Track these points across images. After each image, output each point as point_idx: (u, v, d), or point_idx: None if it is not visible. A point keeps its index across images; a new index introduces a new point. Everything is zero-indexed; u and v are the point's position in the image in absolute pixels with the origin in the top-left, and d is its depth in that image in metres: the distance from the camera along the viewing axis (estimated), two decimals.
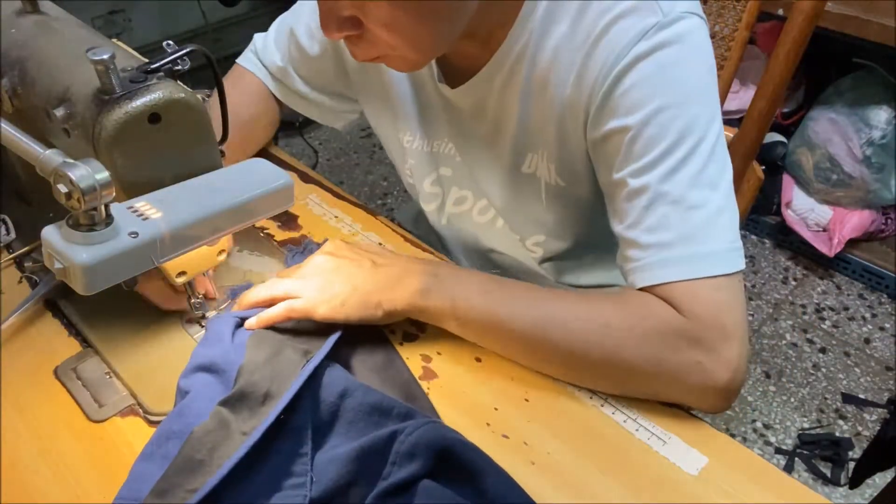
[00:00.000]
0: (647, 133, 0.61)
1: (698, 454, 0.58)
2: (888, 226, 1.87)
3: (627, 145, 0.62)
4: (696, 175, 0.60)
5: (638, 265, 0.62)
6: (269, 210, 0.62)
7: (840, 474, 1.44)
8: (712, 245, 0.60)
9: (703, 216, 0.60)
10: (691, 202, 0.60)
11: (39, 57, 0.62)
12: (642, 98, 0.61)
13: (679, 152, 0.60)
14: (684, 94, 0.61)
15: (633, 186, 0.62)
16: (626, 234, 0.64)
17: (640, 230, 0.62)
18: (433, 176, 0.88)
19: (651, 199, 0.61)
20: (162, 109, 0.55)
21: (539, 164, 0.75)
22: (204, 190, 0.58)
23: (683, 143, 0.60)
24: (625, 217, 0.64)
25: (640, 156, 0.62)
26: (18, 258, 0.77)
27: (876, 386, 1.63)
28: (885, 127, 1.70)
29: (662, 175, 0.61)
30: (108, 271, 0.50)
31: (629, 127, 0.62)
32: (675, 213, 0.60)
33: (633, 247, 0.63)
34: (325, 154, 2.46)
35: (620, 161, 0.63)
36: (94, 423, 0.61)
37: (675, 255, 0.60)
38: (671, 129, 0.60)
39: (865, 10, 1.52)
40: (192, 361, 0.62)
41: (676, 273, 0.60)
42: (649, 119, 0.61)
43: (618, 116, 0.63)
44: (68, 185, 0.46)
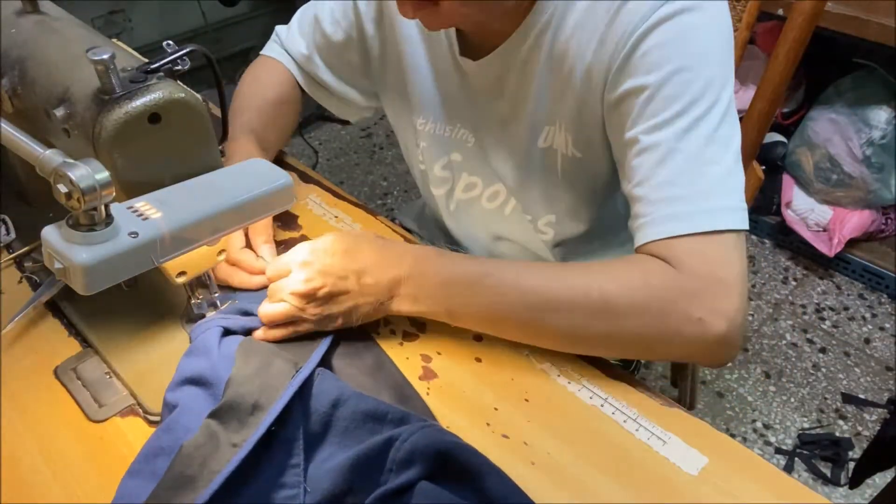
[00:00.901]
0: (665, 92, 0.62)
1: (698, 454, 0.58)
2: (888, 226, 1.87)
3: (643, 104, 0.63)
4: (711, 134, 0.62)
5: (646, 220, 0.63)
6: (269, 210, 0.62)
7: (840, 474, 1.44)
8: (723, 201, 0.61)
9: (715, 173, 0.61)
10: (706, 159, 0.61)
11: (39, 57, 0.62)
12: (662, 58, 0.62)
13: (695, 111, 0.62)
14: (703, 57, 0.63)
15: (646, 143, 0.63)
16: (635, 190, 0.64)
17: (650, 185, 0.63)
18: (444, 160, 0.88)
19: (664, 155, 0.62)
20: (162, 109, 0.55)
21: (556, 137, 0.76)
22: (204, 190, 0.58)
23: (699, 103, 0.62)
24: (635, 174, 0.64)
25: (656, 113, 0.62)
26: (18, 258, 0.77)
27: (876, 386, 1.63)
28: (885, 127, 1.70)
29: (677, 132, 0.62)
30: (108, 271, 0.50)
31: (646, 86, 0.63)
32: (688, 169, 0.61)
33: (641, 202, 0.63)
34: (325, 154, 2.46)
35: (634, 119, 0.64)
36: (94, 423, 0.61)
37: (683, 209, 0.61)
38: (689, 89, 0.62)
39: (865, 10, 1.52)
40: (179, 374, 0.60)
41: (684, 227, 0.60)
42: (667, 79, 0.62)
43: (636, 76, 0.64)
44: (68, 185, 0.46)
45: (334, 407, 0.57)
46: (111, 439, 0.60)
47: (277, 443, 0.55)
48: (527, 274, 0.63)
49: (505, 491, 0.52)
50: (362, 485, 0.53)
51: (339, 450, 0.56)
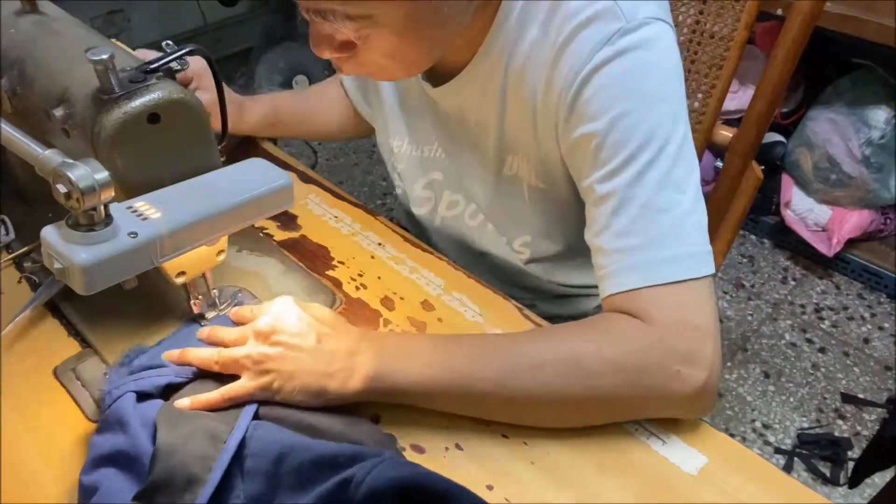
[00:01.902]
0: (612, 139, 0.61)
1: (698, 454, 0.58)
2: (887, 226, 1.87)
3: (594, 152, 0.62)
4: (663, 178, 0.60)
5: (606, 272, 0.61)
6: (268, 210, 0.62)
7: (839, 474, 1.44)
8: (679, 249, 0.59)
9: (670, 220, 0.59)
10: (659, 206, 0.59)
11: (39, 57, 0.62)
12: (605, 103, 0.61)
13: (644, 156, 0.60)
14: (647, 98, 0.61)
15: (600, 192, 0.62)
16: (594, 241, 0.63)
17: (607, 236, 0.61)
18: (425, 180, 0.88)
19: (618, 204, 0.60)
20: (161, 109, 0.55)
21: (520, 166, 0.75)
22: (203, 190, 0.58)
23: (648, 147, 0.60)
24: (593, 224, 0.63)
25: (606, 161, 0.61)
26: (18, 258, 0.77)
27: (875, 386, 1.63)
28: (884, 127, 1.70)
29: (629, 180, 0.60)
30: (108, 271, 0.50)
31: (595, 133, 0.61)
32: (642, 218, 0.60)
33: (601, 254, 0.62)
34: (324, 154, 2.46)
35: (589, 168, 0.63)
36: (94, 423, 0.61)
37: (641, 260, 0.59)
38: (635, 133, 0.60)
39: (864, 10, 1.52)
40: (93, 452, 0.54)
41: (643, 279, 0.59)
42: (613, 124, 0.60)
43: (584, 123, 0.62)
44: (67, 185, 0.46)
45: (277, 464, 0.52)
46: None
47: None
48: (494, 342, 0.61)
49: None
50: None
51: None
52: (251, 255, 0.79)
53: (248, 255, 0.79)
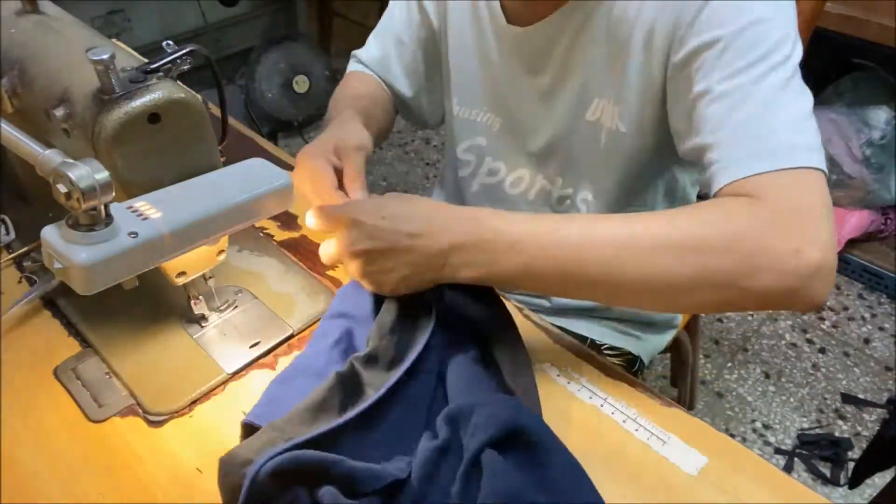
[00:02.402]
0: (741, 41, 0.62)
1: (698, 454, 0.58)
2: (887, 226, 1.87)
3: (716, 55, 0.63)
4: (784, 83, 0.61)
5: (720, 165, 0.61)
6: (269, 210, 0.62)
7: (839, 474, 1.44)
8: (797, 139, 0.59)
9: (789, 116, 0.60)
10: (780, 103, 0.60)
11: (39, 57, 0.62)
12: (738, 9, 0.62)
13: (771, 60, 0.61)
14: (778, 10, 0.63)
15: (719, 91, 0.62)
16: (708, 138, 0.62)
17: (725, 130, 0.61)
18: (467, 143, 0.90)
19: (739, 100, 0.61)
20: (162, 109, 0.55)
21: (604, 110, 0.75)
22: (204, 190, 0.58)
23: (775, 53, 0.61)
24: (707, 122, 0.63)
25: (730, 63, 0.62)
26: (18, 258, 0.77)
27: (875, 386, 1.63)
28: (884, 127, 1.70)
29: (753, 78, 0.61)
30: (108, 271, 0.50)
31: (720, 38, 0.62)
32: (765, 110, 0.60)
33: (717, 148, 0.61)
34: None
35: (706, 72, 0.63)
36: (94, 423, 0.61)
37: (764, 148, 0.59)
38: (766, 39, 0.61)
39: (865, 11, 1.52)
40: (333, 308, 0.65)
41: (764, 165, 0.58)
42: (744, 29, 0.62)
43: (708, 30, 0.63)
44: (68, 185, 0.46)
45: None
46: (111, 439, 0.60)
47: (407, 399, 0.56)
48: (598, 224, 0.58)
49: (570, 477, 0.51)
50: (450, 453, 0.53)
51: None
52: (251, 255, 0.79)
53: (248, 255, 0.79)
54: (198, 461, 0.58)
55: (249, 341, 0.68)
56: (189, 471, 0.57)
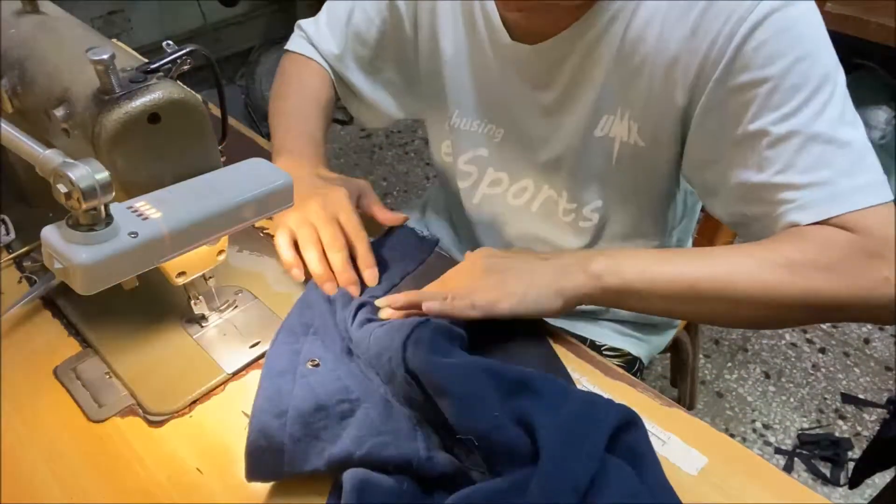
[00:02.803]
0: (789, 82, 0.63)
1: (698, 454, 0.58)
2: None
3: (766, 95, 0.63)
4: (840, 116, 0.63)
5: (797, 204, 0.63)
6: (269, 210, 0.62)
7: (839, 474, 1.44)
8: (867, 177, 0.63)
9: (854, 152, 0.63)
10: (841, 140, 0.63)
11: (39, 57, 0.62)
12: (779, 50, 0.63)
13: (821, 97, 0.63)
14: (816, 43, 0.64)
15: (778, 132, 0.63)
16: (779, 178, 0.64)
17: (795, 172, 0.63)
18: (469, 154, 0.89)
19: (803, 142, 0.63)
20: (161, 109, 0.55)
21: (616, 126, 0.76)
22: (204, 190, 0.58)
23: (823, 88, 0.63)
24: (770, 164, 0.64)
25: (782, 104, 0.63)
26: (18, 258, 0.77)
27: (875, 386, 1.63)
28: (884, 127, 1.70)
29: (809, 118, 0.63)
30: (108, 271, 0.50)
31: (768, 78, 0.63)
32: (829, 151, 0.62)
33: (787, 189, 0.64)
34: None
35: (756, 111, 0.64)
36: (94, 423, 0.61)
37: (833, 191, 0.62)
38: (812, 76, 0.63)
39: (865, 11, 1.52)
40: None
41: (838, 207, 0.62)
42: (790, 69, 0.63)
43: (753, 69, 0.64)
44: (68, 185, 0.46)
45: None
46: (111, 439, 0.60)
47: None
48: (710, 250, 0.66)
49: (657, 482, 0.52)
50: None
51: None
52: (251, 255, 0.79)
53: (248, 255, 0.79)
54: (198, 461, 0.58)
55: (249, 341, 0.68)
56: (189, 471, 0.57)
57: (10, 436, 0.60)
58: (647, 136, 0.74)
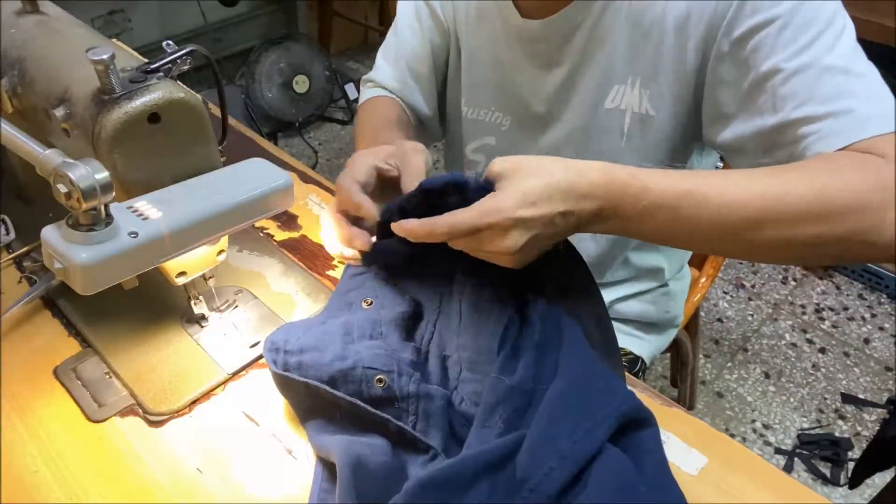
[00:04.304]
0: (799, 18, 0.63)
1: (698, 454, 0.58)
2: None
3: (776, 33, 0.63)
4: (853, 48, 0.63)
5: (817, 136, 0.61)
6: (269, 210, 0.62)
7: (839, 474, 1.44)
8: (887, 105, 0.61)
9: (870, 82, 0.63)
10: (856, 71, 0.62)
11: (39, 57, 0.62)
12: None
13: (832, 31, 0.63)
14: None
15: (793, 67, 0.63)
16: (797, 112, 0.63)
17: (815, 103, 0.62)
18: (477, 143, 0.89)
19: (818, 73, 0.62)
20: (162, 109, 0.55)
21: (627, 95, 0.75)
22: (204, 190, 0.58)
23: (834, 23, 0.63)
24: (789, 100, 0.63)
25: (794, 39, 0.63)
26: (18, 258, 0.77)
27: (875, 386, 1.63)
28: None
29: (822, 51, 0.62)
30: (108, 271, 0.50)
31: (776, 17, 0.63)
32: (847, 80, 0.62)
33: (807, 123, 0.62)
34: (324, 154, 2.46)
35: (769, 51, 0.64)
36: (94, 423, 0.61)
37: (861, 115, 0.60)
38: (822, 12, 0.63)
39: (864, 10, 1.52)
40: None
41: (869, 130, 0.59)
42: (799, 6, 0.63)
43: (760, 11, 0.64)
44: (68, 185, 0.46)
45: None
46: (111, 439, 0.60)
47: None
48: (736, 188, 0.57)
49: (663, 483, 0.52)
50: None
51: None
52: (251, 255, 0.79)
53: (248, 255, 0.79)
54: (198, 461, 0.58)
55: (249, 341, 0.68)
56: (189, 471, 0.57)
57: (10, 436, 0.60)
58: (657, 104, 0.74)
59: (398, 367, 0.57)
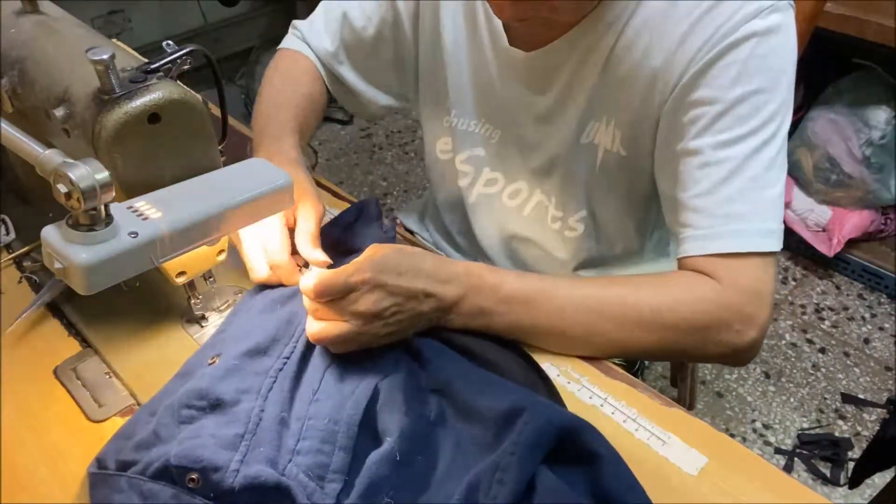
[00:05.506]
0: (739, 110, 0.63)
1: (698, 454, 0.58)
2: (887, 226, 1.87)
3: (713, 117, 0.64)
4: (773, 159, 0.65)
5: (703, 233, 0.65)
6: (269, 210, 0.62)
7: (839, 474, 1.44)
8: (774, 224, 0.65)
9: (772, 196, 0.65)
10: (765, 182, 0.64)
11: (39, 57, 0.62)
12: (743, 75, 0.63)
13: (763, 134, 0.64)
14: (779, 81, 0.65)
15: (712, 157, 0.64)
16: (694, 201, 0.66)
17: (713, 200, 0.65)
18: (466, 154, 0.89)
19: (730, 172, 0.64)
20: (162, 109, 0.55)
21: (600, 133, 0.76)
22: (204, 190, 0.58)
23: (769, 126, 0.64)
24: (695, 185, 0.66)
25: (726, 130, 0.64)
26: (18, 258, 0.77)
27: (875, 386, 1.63)
28: (884, 127, 1.70)
29: (746, 153, 0.64)
30: (108, 271, 0.50)
31: (720, 100, 0.64)
32: (751, 190, 0.64)
33: (700, 214, 0.65)
34: (324, 154, 2.46)
35: (700, 130, 0.65)
36: (94, 423, 0.61)
37: (747, 228, 0.64)
38: (762, 111, 0.64)
39: (865, 11, 1.52)
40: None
41: (740, 245, 0.63)
42: (745, 98, 0.63)
43: (712, 87, 0.64)
44: (68, 185, 0.46)
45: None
46: None
47: None
48: (580, 290, 0.65)
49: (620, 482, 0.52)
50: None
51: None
52: None
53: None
54: None
55: None
56: None
57: (10, 436, 0.60)
58: (627, 146, 0.75)
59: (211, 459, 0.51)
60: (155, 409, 0.57)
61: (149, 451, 0.53)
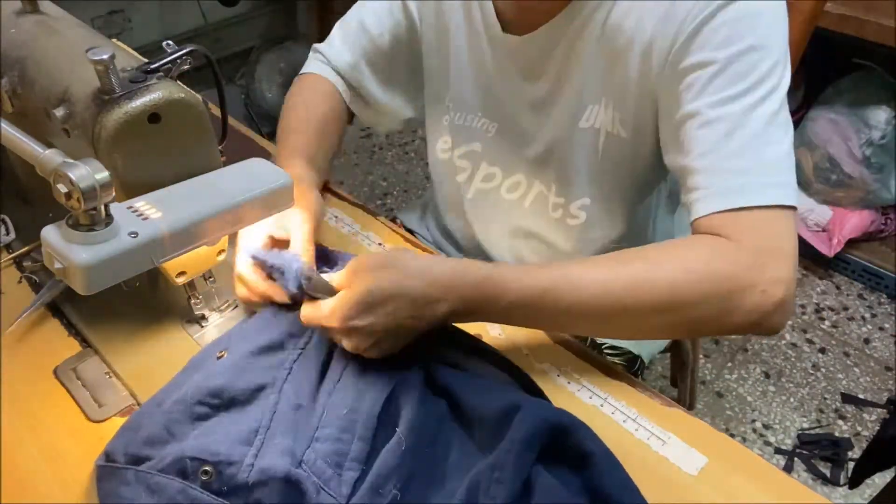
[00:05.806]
0: (734, 68, 0.63)
1: (698, 454, 0.58)
2: (888, 226, 1.87)
3: (709, 78, 0.64)
4: (772, 116, 0.63)
5: (709, 191, 0.63)
6: (269, 210, 0.62)
7: (839, 474, 1.44)
8: (781, 178, 0.62)
9: (775, 153, 0.63)
10: (767, 139, 0.63)
11: (39, 57, 0.62)
12: (734, 35, 0.63)
13: (761, 91, 0.63)
14: (772, 38, 0.64)
15: (711, 116, 0.63)
16: (697, 162, 0.64)
17: (715, 157, 0.63)
18: (463, 149, 0.89)
19: (730, 129, 0.63)
20: (162, 109, 0.55)
21: (600, 116, 0.76)
22: (204, 190, 0.58)
23: (765, 83, 0.63)
24: (696, 145, 0.64)
25: (722, 88, 0.63)
26: (18, 258, 0.77)
27: (875, 386, 1.63)
28: (884, 127, 1.70)
29: (743, 109, 0.63)
30: (108, 271, 0.50)
31: (714, 60, 0.63)
32: (752, 145, 0.62)
33: (704, 173, 0.64)
34: None
35: (698, 92, 0.64)
36: (94, 423, 0.61)
37: (749, 182, 0.62)
38: (759, 68, 0.63)
39: (865, 10, 1.52)
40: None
41: (748, 199, 0.61)
42: (738, 56, 0.63)
43: (704, 50, 0.64)
44: (68, 185, 0.46)
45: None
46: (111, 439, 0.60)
47: None
48: (587, 281, 0.60)
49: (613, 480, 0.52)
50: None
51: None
52: None
53: None
54: None
55: None
56: None
57: (10, 436, 0.60)
58: (628, 126, 0.75)
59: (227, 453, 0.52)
60: (162, 401, 0.57)
61: (163, 447, 0.53)
